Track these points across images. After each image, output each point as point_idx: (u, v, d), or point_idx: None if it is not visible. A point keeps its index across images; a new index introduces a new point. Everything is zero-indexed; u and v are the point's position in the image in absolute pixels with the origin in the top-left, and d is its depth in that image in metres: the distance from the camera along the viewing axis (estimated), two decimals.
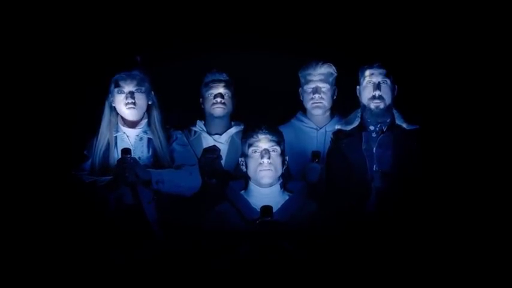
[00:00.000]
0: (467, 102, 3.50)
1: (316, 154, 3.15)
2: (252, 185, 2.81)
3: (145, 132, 3.07)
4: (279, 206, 2.74)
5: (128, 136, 3.07)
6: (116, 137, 3.06)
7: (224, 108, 3.44)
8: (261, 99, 3.77)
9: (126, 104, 3.00)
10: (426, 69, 3.60)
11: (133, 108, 3.00)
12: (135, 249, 2.90)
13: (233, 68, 3.51)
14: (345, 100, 3.38)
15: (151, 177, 2.90)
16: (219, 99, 3.42)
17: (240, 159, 2.88)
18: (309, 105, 3.39)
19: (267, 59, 3.79)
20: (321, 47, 3.63)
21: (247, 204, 2.76)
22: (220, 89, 3.43)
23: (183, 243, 2.82)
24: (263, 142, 2.76)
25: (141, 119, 3.08)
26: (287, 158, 2.85)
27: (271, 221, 2.56)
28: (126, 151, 2.87)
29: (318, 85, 3.33)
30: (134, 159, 2.91)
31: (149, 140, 3.06)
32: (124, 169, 2.83)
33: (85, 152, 3.07)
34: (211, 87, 3.44)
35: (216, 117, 3.45)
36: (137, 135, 3.07)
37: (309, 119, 3.45)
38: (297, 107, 3.51)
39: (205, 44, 3.76)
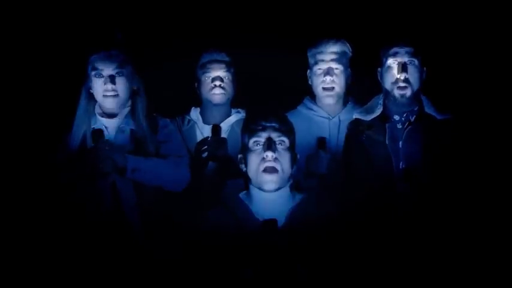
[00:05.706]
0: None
1: (322, 141, 2.91)
2: (253, 189, 2.41)
3: (127, 123, 2.82)
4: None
5: (106, 128, 2.80)
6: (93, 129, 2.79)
7: (224, 94, 3.18)
8: (266, 82, 3.59)
9: (105, 91, 2.77)
10: (462, 46, 3.43)
11: (115, 97, 2.78)
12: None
13: (232, 48, 3.27)
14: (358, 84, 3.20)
15: (126, 164, 2.66)
16: (217, 83, 3.15)
17: (239, 155, 2.50)
18: (319, 89, 3.12)
19: (269, 39, 3.60)
20: (332, 22, 3.49)
21: (247, 213, 2.36)
22: (219, 72, 3.17)
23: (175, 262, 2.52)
24: (268, 131, 2.38)
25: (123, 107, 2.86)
26: (298, 156, 2.49)
27: (277, 233, 2.16)
28: (98, 132, 2.65)
29: (330, 66, 3.09)
30: (109, 143, 2.67)
31: (132, 131, 2.81)
32: (97, 158, 2.59)
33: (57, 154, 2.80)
34: (208, 69, 3.18)
35: (214, 104, 3.19)
36: (118, 127, 2.81)
37: (318, 106, 3.19)
38: (303, 93, 3.26)
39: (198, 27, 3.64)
